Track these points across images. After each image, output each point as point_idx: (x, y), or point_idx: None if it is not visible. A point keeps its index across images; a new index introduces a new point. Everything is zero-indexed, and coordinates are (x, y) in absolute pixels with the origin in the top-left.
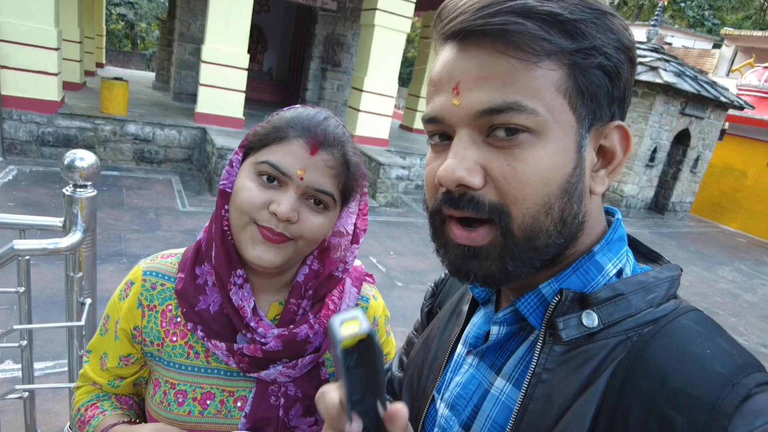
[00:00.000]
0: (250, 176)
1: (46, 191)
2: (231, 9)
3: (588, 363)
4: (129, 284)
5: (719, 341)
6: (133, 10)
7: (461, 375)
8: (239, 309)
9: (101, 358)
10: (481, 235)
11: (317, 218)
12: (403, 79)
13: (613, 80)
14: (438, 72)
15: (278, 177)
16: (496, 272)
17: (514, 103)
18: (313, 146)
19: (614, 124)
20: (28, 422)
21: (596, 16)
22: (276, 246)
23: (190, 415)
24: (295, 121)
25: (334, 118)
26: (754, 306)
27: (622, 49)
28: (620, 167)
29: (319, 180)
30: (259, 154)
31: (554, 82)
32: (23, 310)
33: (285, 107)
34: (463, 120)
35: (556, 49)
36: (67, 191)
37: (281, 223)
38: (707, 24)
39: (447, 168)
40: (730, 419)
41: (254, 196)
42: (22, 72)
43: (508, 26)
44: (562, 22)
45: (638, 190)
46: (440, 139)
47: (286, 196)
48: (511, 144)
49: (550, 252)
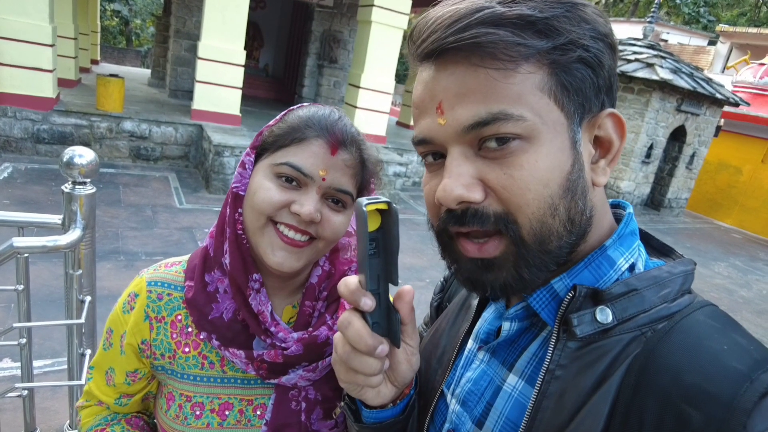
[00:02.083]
0: (267, 177)
1: (42, 189)
2: (227, 5)
3: (602, 359)
4: (133, 296)
5: (735, 336)
6: (127, 7)
7: (472, 371)
8: (259, 314)
9: (107, 374)
10: (492, 246)
11: (338, 217)
12: (399, 75)
13: (595, 71)
14: (419, 94)
15: (299, 178)
16: (512, 281)
17: (499, 113)
18: (333, 146)
19: (606, 112)
20: (28, 420)
21: (567, 9)
22: (297, 250)
23: (209, 427)
24: (313, 120)
25: (347, 116)
26: (749, 301)
27: (599, 37)
28: (619, 154)
29: (340, 180)
30: (277, 155)
31: (536, 84)
32: (22, 308)
33: (296, 105)
34: (452, 138)
35: (532, 51)
36: (66, 188)
37: (303, 222)
38: (703, 21)
39: (445, 188)
40: (749, 415)
41: (274, 195)
42: (16, 69)
43: (479, 38)
44: (533, 23)
45: (634, 187)
46: (434, 159)
47: (308, 197)
48: (504, 153)
49: (563, 252)
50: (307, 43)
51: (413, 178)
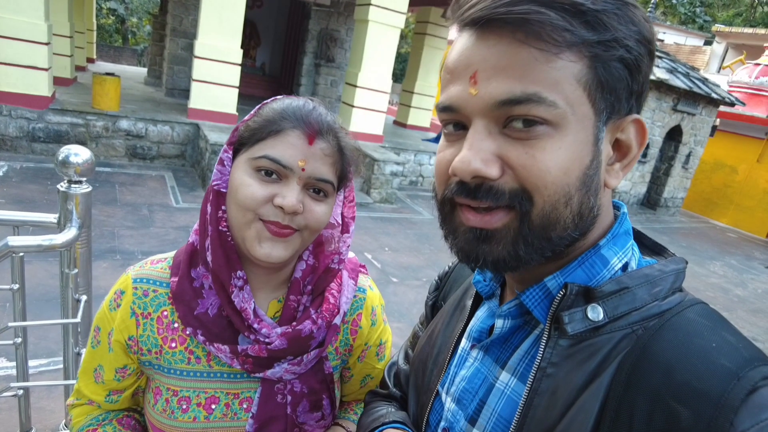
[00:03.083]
0: (247, 172)
1: (37, 188)
2: (224, 3)
3: (593, 357)
4: (119, 293)
5: (725, 334)
6: (123, 5)
7: (466, 369)
8: (242, 311)
9: (95, 371)
10: (496, 217)
11: (320, 207)
12: (396, 74)
13: (633, 73)
14: (454, 59)
15: (278, 171)
16: (507, 257)
17: (533, 95)
18: (310, 136)
19: (631, 117)
20: (23, 420)
21: (618, 6)
22: (284, 240)
23: (195, 421)
24: (288, 111)
25: (322, 105)
26: (744, 300)
27: (643, 41)
28: (635, 161)
29: (320, 169)
30: (255, 149)
31: (575, 74)
32: (17, 307)
33: (269, 99)
34: (480, 110)
35: (577, 40)
36: (61, 187)
37: (287, 215)
38: (699, 21)
39: (463, 160)
40: (737, 412)
41: (256, 191)
42: (11, 67)
43: (529, 15)
44: (584, 13)
45: (631, 186)
46: (454, 129)
47: (289, 188)
48: (528, 135)
49: (562, 243)
50: (304, 41)
51: (410, 177)
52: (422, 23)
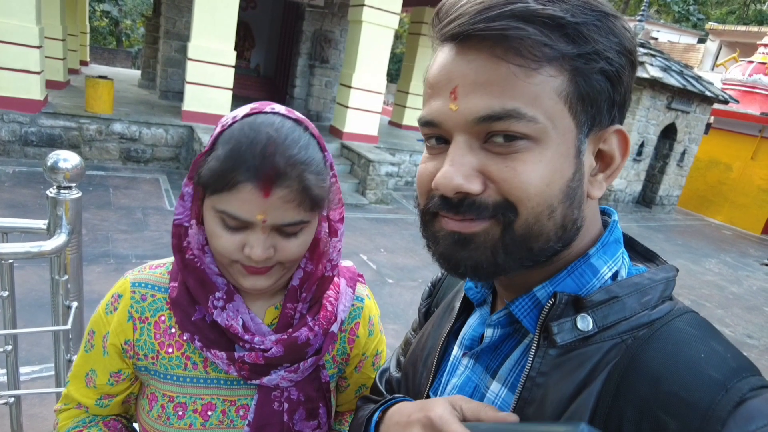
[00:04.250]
0: (215, 220)
1: (30, 192)
2: (217, 5)
3: (583, 366)
4: (116, 297)
5: (713, 344)
6: (117, 7)
7: (457, 377)
8: (228, 328)
9: (87, 375)
10: (475, 223)
11: (293, 242)
12: (391, 75)
13: (614, 85)
14: (435, 74)
15: (240, 225)
16: (485, 263)
17: (513, 111)
18: (265, 188)
19: (613, 128)
20: (15, 428)
21: (598, 18)
22: (264, 275)
23: (191, 427)
24: (239, 160)
25: (283, 128)
26: (739, 297)
27: (624, 52)
28: (618, 172)
29: (283, 216)
30: (214, 198)
31: (555, 88)
32: (7, 314)
33: (230, 117)
34: (461, 126)
35: (557, 54)
36: (50, 193)
37: (260, 262)
38: (692, 19)
39: (444, 176)
40: (724, 424)
41: (226, 243)
42: (2, 70)
43: (508, 31)
44: (563, 26)
45: (626, 184)
46: (437, 142)
47: (255, 237)
48: (509, 150)
49: (544, 255)
50: (298, 42)
51: (405, 177)
52: (417, 23)
